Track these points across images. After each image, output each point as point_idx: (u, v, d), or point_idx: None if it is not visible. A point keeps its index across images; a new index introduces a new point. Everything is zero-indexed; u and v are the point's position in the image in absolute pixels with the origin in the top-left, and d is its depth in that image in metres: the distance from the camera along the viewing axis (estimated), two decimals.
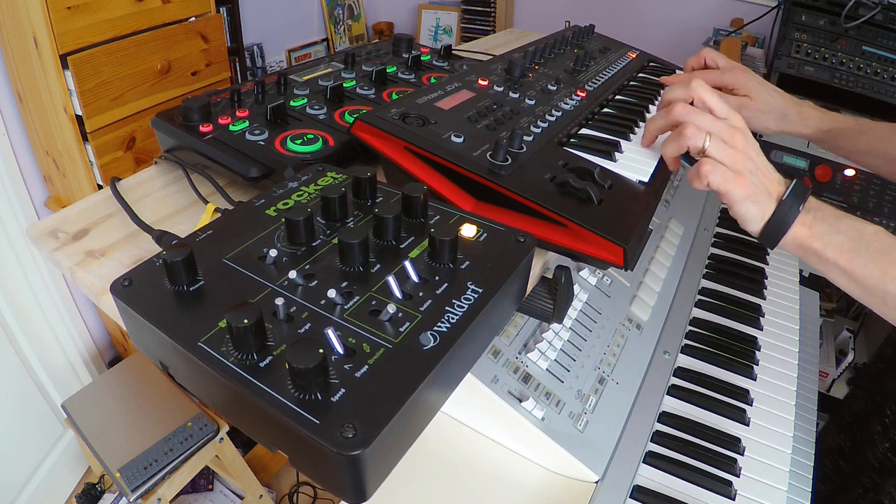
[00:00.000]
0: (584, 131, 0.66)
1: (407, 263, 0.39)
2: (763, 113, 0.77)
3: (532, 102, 0.69)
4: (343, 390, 0.31)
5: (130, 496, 1.19)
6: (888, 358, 0.88)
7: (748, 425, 0.64)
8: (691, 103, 0.57)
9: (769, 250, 0.94)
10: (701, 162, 0.53)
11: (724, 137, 0.53)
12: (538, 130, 0.62)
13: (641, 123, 0.70)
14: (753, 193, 0.52)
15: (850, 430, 0.91)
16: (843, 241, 0.50)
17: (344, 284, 0.38)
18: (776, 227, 0.52)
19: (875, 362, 0.96)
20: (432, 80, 0.85)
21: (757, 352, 0.74)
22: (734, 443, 0.61)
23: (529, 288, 0.49)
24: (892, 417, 0.81)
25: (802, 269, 0.99)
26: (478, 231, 0.44)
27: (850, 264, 0.50)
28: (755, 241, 0.54)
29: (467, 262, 0.41)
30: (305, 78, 0.81)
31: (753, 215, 0.52)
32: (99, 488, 1.56)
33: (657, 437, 0.60)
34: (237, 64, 2.20)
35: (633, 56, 0.97)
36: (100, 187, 1.41)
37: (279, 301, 0.35)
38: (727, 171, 0.52)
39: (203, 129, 0.63)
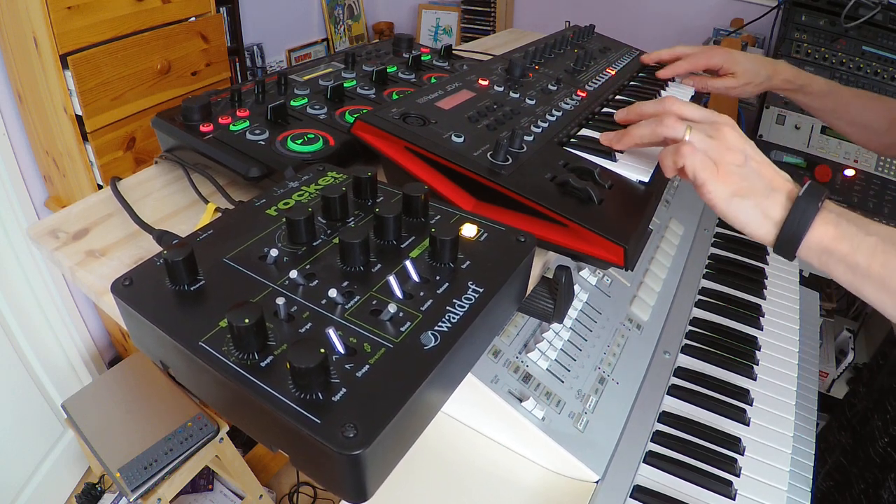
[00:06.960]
0: (584, 131, 0.66)
1: (408, 263, 0.39)
2: (748, 84, 0.80)
3: (532, 102, 0.69)
4: (344, 390, 0.31)
5: (130, 496, 1.19)
6: (888, 355, 0.89)
7: (748, 425, 0.64)
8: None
9: (769, 250, 0.94)
10: (680, 143, 0.48)
11: (708, 131, 0.48)
12: (538, 130, 0.62)
13: None
14: (742, 189, 0.46)
15: (851, 427, 0.92)
16: (874, 244, 0.44)
17: (345, 284, 0.38)
18: (794, 227, 0.45)
19: (876, 359, 0.97)
20: (432, 80, 0.85)
21: (757, 352, 0.74)
22: (734, 443, 0.61)
23: (530, 288, 0.49)
24: (892, 413, 0.82)
25: (802, 268, 1.00)
26: (478, 231, 0.44)
27: (884, 269, 0.43)
28: (755, 241, 0.51)
29: (468, 262, 0.41)
30: (306, 78, 0.81)
31: (752, 216, 0.46)
32: (99, 488, 1.56)
33: (657, 437, 0.60)
34: (237, 64, 2.20)
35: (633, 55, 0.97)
36: (100, 187, 1.41)
37: (280, 301, 0.35)
38: (707, 160, 0.47)
39: (203, 128, 0.63)
